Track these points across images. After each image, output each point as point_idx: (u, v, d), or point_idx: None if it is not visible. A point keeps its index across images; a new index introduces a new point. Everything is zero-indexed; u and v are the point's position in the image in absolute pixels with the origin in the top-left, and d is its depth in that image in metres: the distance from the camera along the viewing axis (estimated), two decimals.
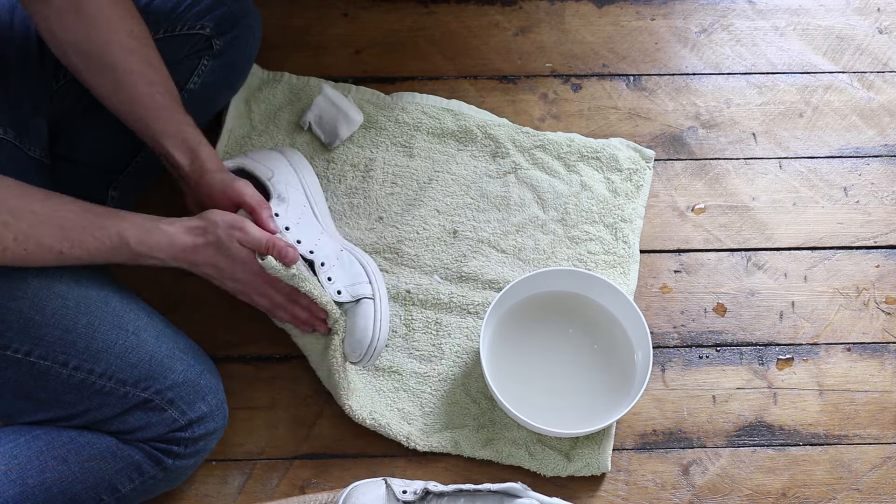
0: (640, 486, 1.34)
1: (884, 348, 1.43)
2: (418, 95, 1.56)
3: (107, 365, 1.19)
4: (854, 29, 1.66)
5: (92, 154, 1.37)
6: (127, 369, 1.19)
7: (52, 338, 1.17)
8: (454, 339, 1.40)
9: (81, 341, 1.18)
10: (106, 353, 1.19)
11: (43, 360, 1.17)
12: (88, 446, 1.20)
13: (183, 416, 1.21)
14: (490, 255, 1.46)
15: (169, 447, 1.22)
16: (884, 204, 1.52)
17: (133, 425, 1.20)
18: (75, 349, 1.18)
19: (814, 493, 1.34)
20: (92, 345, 1.18)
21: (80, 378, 1.18)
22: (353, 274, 1.31)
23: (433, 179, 1.50)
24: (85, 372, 1.18)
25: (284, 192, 1.33)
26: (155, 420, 1.20)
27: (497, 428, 1.35)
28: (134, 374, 1.19)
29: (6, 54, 1.26)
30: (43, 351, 1.17)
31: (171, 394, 1.21)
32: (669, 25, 1.66)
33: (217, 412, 1.25)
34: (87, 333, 1.19)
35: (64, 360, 1.17)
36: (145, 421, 1.20)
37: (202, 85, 1.40)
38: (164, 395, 1.20)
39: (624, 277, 1.44)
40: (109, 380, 1.19)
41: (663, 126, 1.57)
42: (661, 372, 1.40)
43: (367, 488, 1.23)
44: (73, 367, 1.18)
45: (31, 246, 1.12)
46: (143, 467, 1.21)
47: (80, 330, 1.18)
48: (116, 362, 1.19)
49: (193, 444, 1.23)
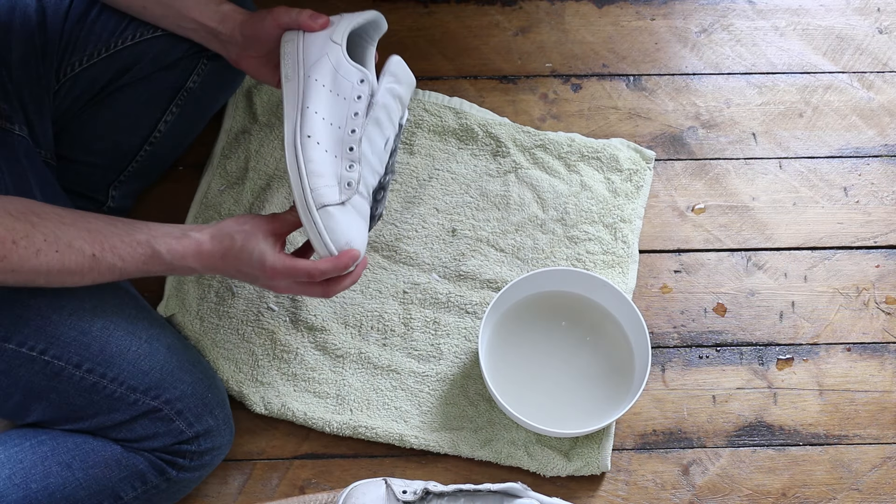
0: (640, 486, 1.33)
1: (884, 348, 1.43)
2: (420, 92, 1.55)
3: (119, 370, 1.18)
4: (854, 29, 1.66)
5: (93, 153, 1.37)
6: (139, 376, 1.19)
7: (67, 338, 1.17)
8: (452, 339, 1.40)
9: (96, 344, 1.18)
10: (119, 359, 1.18)
11: (57, 359, 1.16)
12: (93, 453, 1.20)
13: (190, 429, 1.21)
14: (489, 254, 1.46)
15: (174, 459, 1.21)
16: (884, 204, 1.52)
17: (140, 434, 1.20)
18: (90, 351, 1.17)
19: (814, 493, 1.34)
20: (106, 349, 1.18)
21: (91, 381, 1.18)
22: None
23: (433, 177, 1.50)
24: (97, 375, 1.18)
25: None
26: (162, 430, 1.20)
27: (496, 429, 1.35)
28: (145, 382, 1.19)
29: (9, 56, 1.26)
30: (58, 351, 1.16)
31: (181, 405, 1.20)
32: (669, 25, 1.66)
33: (224, 427, 1.25)
34: (103, 337, 1.18)
35: (78, 361, 1.17)
36: (152, 430, 1.20)
37: (202, 84, 1.40)
38: (173, 405, 1.20)
39: (622, 277, 1.44)
40: (120, 385, 1.18)
41: (663, 126, 1.57)
42: (661, 372, 1.40)
43: (367, 488, 1.23)
44: (87, 369, 1.17)
45: (62, 246, 1.08)
46: (147, 476, 1.21)
47: (95, 333, 1.18)
48: (129, 368, 1.19)
49: (199, 458, 1.23)
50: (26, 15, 1.28)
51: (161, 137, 1.40)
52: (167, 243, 1.15)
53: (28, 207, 1.08)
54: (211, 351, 1.38)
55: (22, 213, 1.07)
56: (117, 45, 1.31)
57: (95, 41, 1.31)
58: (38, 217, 1.08)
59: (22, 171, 1.21)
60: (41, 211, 1.09)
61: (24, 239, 1.06)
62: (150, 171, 1.43)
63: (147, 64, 1.34)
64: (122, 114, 1.36)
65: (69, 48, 1.30)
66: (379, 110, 1.20)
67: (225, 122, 1.53)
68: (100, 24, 1.31)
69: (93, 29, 1.30)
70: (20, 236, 1.06)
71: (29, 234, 1.07)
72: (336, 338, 1.39)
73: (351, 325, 1.41)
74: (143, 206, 1.47)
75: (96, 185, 1.39)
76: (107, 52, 1.31)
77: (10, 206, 1.07)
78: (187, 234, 1.16)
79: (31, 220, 1.07)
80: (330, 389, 1.37)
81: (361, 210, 1.19)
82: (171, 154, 1.45)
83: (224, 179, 1.49)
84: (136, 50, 1.32)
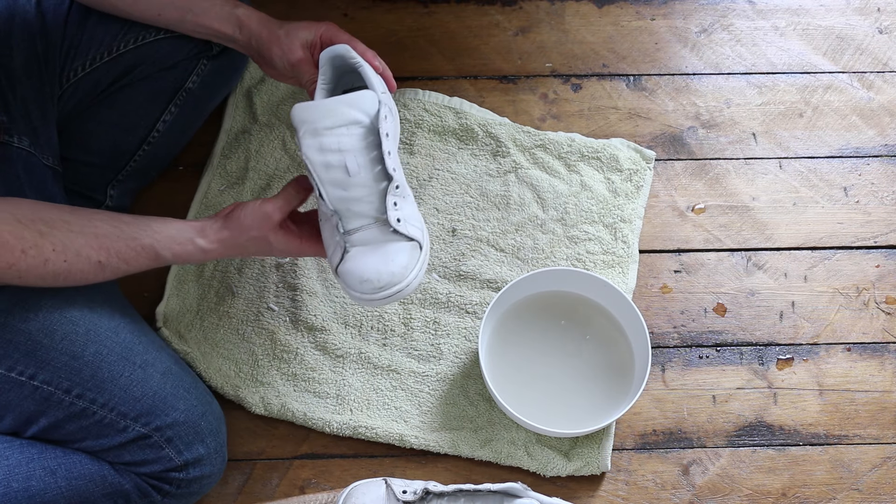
0: (640, 486, 1.33)
1: (884, 348, 1.43)
2: (420, 92, 1.55)
3: (110, 396, 1.17)
4: (854, 29, 1.66)
5: (91, 152, 1.37)
6: (129, 402, 1.18)
7: (58, 363, 1.16)
8: (452, 339, 1.40)
9: (87, 369, 1.17)
10: (110, 384, 1.18)
11: (47, 384, 1.16)
12: (79, 464, 1.19)
13: (179, 457, 1.20)
14: (489, 254, 1.46)
15: (160, 485, 1.20)
16: (884, 204, 1.52)
17: (128, 459, 1.19)
18: (80, 377, 1.17)
19: (814, 493, 1.34)
20: (98, 374, 1.17)
21: (81, 407, 1.17)
22: (415, 215, 1.22)
23: (433, 177, 1.50)
24: (87, 401, 1.17)
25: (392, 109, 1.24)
26: (151, 457, 1.19)
27: (496, 429, 1.35)
28: (136, 409, 1.18)
29: (11, 63, 1.26)
30: (48, 376, 1.16)
31: (171, 432, 1.19)
32: (669, 25, 1.66)
33: (215, 456, 1.24)
34: (94, 362, 1.17)
35: (68, 386, 1.16)
36: (141, 457, 1.19)
37: (201, 84, 1.40)
38: (163, 432, 1.19)
39: (622, 277, 1.44)
40: (111, 411, 1.18)
41: (663, 126, 1.57)
42: (661, 372, 1.40)
43: (367, 488, 1.23)
44: (76, 394, 1.17)
45: (70, 256, 1.09)
46: (131, 497, 1.20)
47: (87, 358, 1.17)
48: (120, 394, 1.18)
49: (186, 486, 1.22)
50: (26, 21, 1.27)
51: (159, 137, 1.40)
52: (171, 249, 1.16)
53: (37, 214, 1.08)
54: (211, 351, 1.38)
55: (31, 220, 1.07)
56: (119, 48, 1.31)
57: (98, 45, 1.30)
58: (47, 226, 1.08)
59: (19, 186, 1.20)
60: (49, 218, 1.09)
61: (34, 248, 1.07)
62: (149, 171, 1.43)
63: (148, 66, 1.34)
64: (120, 113, 1.36)
65: (71, 53, 1.30)
66: (316, 155, 1.16)
67: (225, 122, 1.53)
68: (101, 27, 1.30)
69: (94, 33, 1.30)
70: (29, 245, 1.06)
71: (38, 243, 1.07)
72: (336, 338, 1.39)
73: (351, 325, 1.41)
74: (143, 205, 1.47)
75: (94, 184, 1.38)
76: (109, 56, 1.31)
77: (19, 212, 1.07)
78: (193, 240, 1.17)
79: (41, 230, 1.08)
80: (330, 389, 1.37)
81: (371, 239, 1.18)
82: (169, 153, 1.45)
83: (224, 179, 1.49)
84: (138, 53, 1.32)
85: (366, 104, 1.16)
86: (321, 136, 1.15)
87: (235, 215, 1.18)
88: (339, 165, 1.15)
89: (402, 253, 1.16)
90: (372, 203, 1.16)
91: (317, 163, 1.15)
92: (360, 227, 1.16)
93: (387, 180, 1.17)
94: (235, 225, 1.18)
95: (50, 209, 1.11)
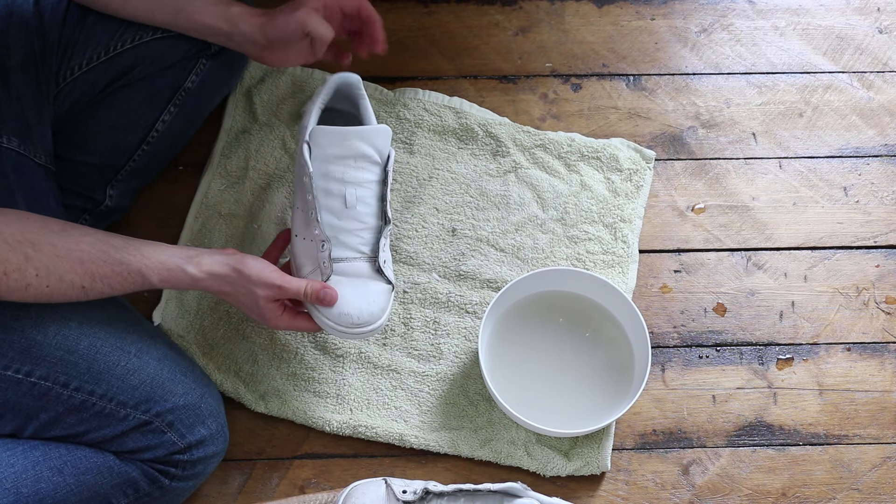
0: (640, 486, 1.33)
1: (884, 348, 1.43)
2: (420, 92, 1.55)
3: (108, 387, 1.18)
4: (854, 29, 1.66)
5: (90, 152, 1.37)
6: (128, 391, 1.19)
7: (53, 358, 1.16)
8: (452, 339, 1.40)
9: (83, 362, 1.17)
10: (107, 375, 1.18)
11: (44, 380, 1.16)
12: (85, 459, 1.20)
13: (182, 440, 1.21)
14: (489, 253, 1.46)
15: (166, 468, 1.21)
16: (884, 204, 1.52)
17: (132, 446, 1.20)
18: (77, 370, 1.17)
19: (814, 493, 1.34)
20: (93, 366, 1.18)
21: (80, 399, 1.18)
22: (390, 258, 1.29)
23: (433, 177, 1.50)
24: (86, 393, 1.17)
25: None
26: (154, 442, 1.20)
27: (495, 428, 1.35)
28: (135, 397, 1.19)
29: (8, 62, 1.26)
30: (44, 371, 1.16)
31: (171, 417, 1.20)
32: (669, 25, 1.66)
33: (217, 436, 1.24)
34: (89, 355, 1.18)
35: (65, 380, 1.17)
36: (144, 443, 1.19)
37: (200, 84, 1.40)
38: (164, 417, 1.20)
39: (622, 277, 1.44)
40: (110, 401, 1.18)
41: (663, 126, 1.57)
42: (661, 372, 1.40)
43: (367, 488, 1.23)
44: (74, 388, 1.17)
45: (52, 282, 1.10)
46: (139, 484, 1.21)
47: (81, 351, 1.18)
48: (118, 384, 1.18)
49: (192, 468, 1.22)
50: (24, 20, 1.27)
51: (158, 136, 1.40)
52: (160, 274, 1.16)
53: (24, 235, 1.09)
54: (210, 351, 1.38)
55: (18, 242, 1.08)
56: (117, 48, 1.31)
57: (95, 44, 1.30)
58: (32, 249, 1.09)
59: (7, 186, 1.21)
60: (36, 240, 1.09)
61: (16, 272, 1.08)
62: (148, 170, 1.43)
63: (147, 66, 1.34)
64: (119, 113, 1.36)
65: (68, 52, 1.30)
66: (319, 180, 1.22)
67: (225, 122, 1.53)
68: (99, 26, 1.30)
69: (92, 32, 1.30)
70: (12, 268, 1.07)
71: (21, 267, 1.08)
72: (336, 337, 1.39)
73: None
74: (143, 205, 1.47)
75: (93, 184, 1.38)
76: (106, 56, 1.31)
77: (7, 232, 1.08)
78: (183, 268, 1.16)
79: (26, 252, 1.08)
80: (330, 389, 1.37)
81: (354, 273, 1.23)
82: (168, 153, 1.45)
83: (224, 179, 1.49)
84: (135, 52, 1.32)
85: (378, 141, 1.22)
86: (328, 164, 1.22)
87: (238, 257, 1.19)
88: (339, 195, 1.22)
89: (382, 295, 1.23)
90: (362, 238, 1.23)
91: (318, 187, 1.22)
92: (347, 259, 1.23)
93: (383, 220, 1.24)
94: (240, 262, 1.19)
95: (38, 228, 1.11)
